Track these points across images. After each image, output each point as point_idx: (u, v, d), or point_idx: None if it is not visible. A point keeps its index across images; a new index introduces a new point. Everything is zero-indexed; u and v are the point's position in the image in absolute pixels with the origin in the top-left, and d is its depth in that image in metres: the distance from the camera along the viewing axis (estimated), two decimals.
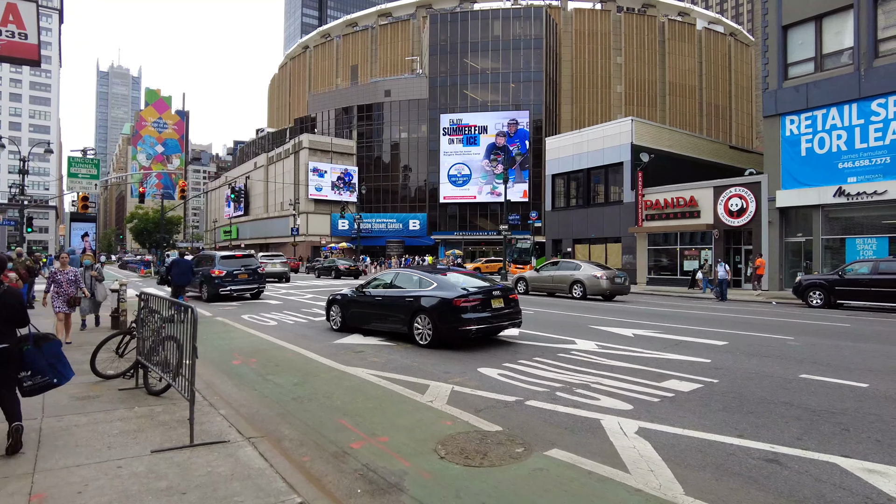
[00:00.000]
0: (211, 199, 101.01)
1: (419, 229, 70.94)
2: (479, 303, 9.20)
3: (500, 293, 9.60)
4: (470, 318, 8.99)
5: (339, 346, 9.65)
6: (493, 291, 9.53)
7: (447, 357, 8.48)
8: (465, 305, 9.03)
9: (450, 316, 9.02)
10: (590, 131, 34.27)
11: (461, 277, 10.19)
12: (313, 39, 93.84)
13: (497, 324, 9.42)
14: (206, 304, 17.23)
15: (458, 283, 9.69)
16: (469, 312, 9.04)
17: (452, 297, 9.09)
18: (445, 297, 9.16)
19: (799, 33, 24.84)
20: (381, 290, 10.68)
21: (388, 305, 10.22)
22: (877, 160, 22.22)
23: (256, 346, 9.77)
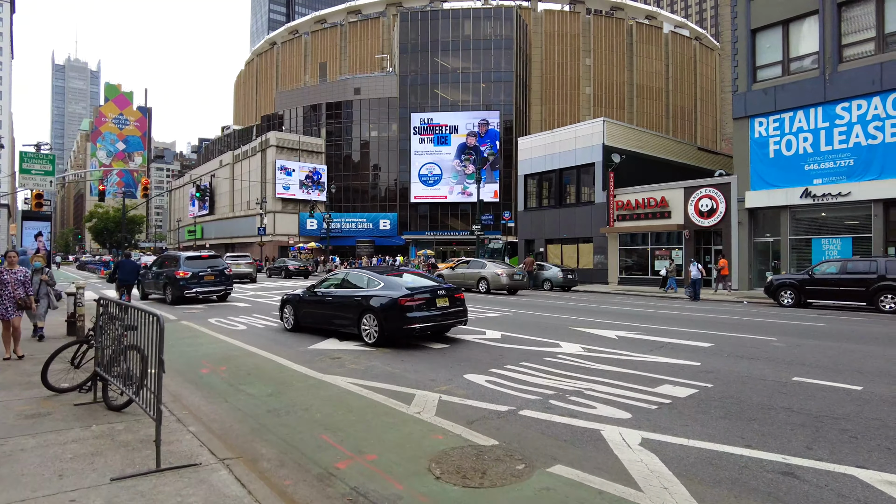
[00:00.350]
0: (174, 197, 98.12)
1: (390, 229, 70.28)
2: (424, 302, 9.50)
3: (445, 293, 9.92)
4: (414, 317, 9.29)
5: (313, 351, 9.18)
6: (439, 291, 9.86)
7: (431, 363, 8.10)
8: (409, 304, 9.32)
9: (395, 315, 9.30)
10: (562, 132, 34.34)
11: (410, 277, 10.51)
12: (281, 35, 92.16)
13: (442, 322, 9.81)
14: (170, 307, 16.44)
15: (404, 283, 10.00)
16: (414, 311, 9.33)
17: (398, 296, 9.38)
18: (391, 297, 9.46)
19: (767, 37, 25.29)
20: (332, 289, 10.93)
21: (338, 305, 10.47)
22: (841, 162, 22.75)
23: (226, 352, 9.22)
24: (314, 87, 78.28)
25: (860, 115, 22.32)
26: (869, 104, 22.11)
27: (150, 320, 4.63)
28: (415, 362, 8.13)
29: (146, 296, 19.21)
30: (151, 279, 18.53)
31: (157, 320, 4.30)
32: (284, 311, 11.83)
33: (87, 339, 6.52)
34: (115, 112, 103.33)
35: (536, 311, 15.68)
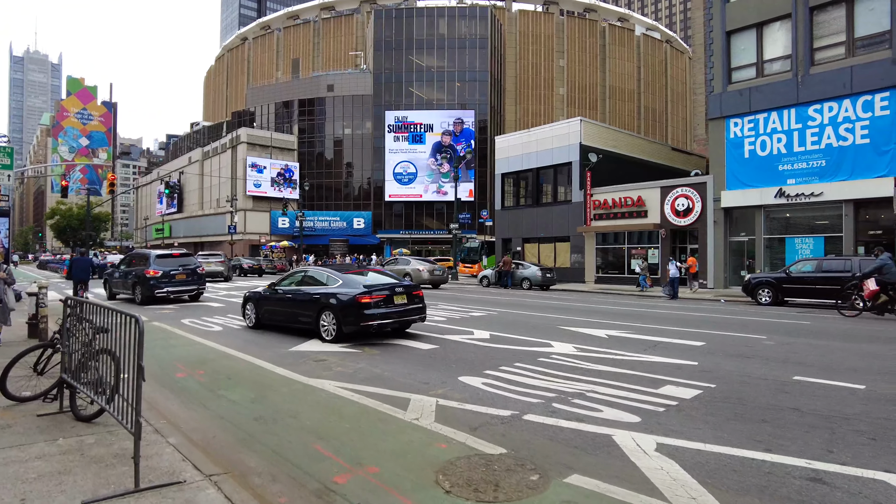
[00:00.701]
0: (141, 195, 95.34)
1: (364, 228, 69.54)
2: (381, 299, 9.67)
3: (403, 290, 10.08)
4: (372, 314, 9.42)
5: (295, 353, 8.74)
6: (397, 288, 10.00)
7: (422, 365, 7.76)
8: (367, 302, 9.44)
9: (353, 311, 9.44)
10: (538, 131, 34.31)
11: (372, 275, 10.70)
12: (252, 31, 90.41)
13: (400, 319, 10.02)
14: (140, 308, 15.70)
15: (363, 280, 10.11)
16: (371, 308, 9.46)
17: (355, 293, 9.52)
18: (349, 294, 9.60)
19: (741, 39, 25.62)
20: (292, 287, 11.01)
21: (298, 302, 10.57)
22: (814, 163, 23.17)
23: (202, 355, 8.71)
24: (286, 84, 76.98)
25: (832, 117, 22.76)
26: (840, 106, 22.55)
27: (125, 322, 4.19)
28: (404, 364, 7.78)
29: (113, 295, 18.37)
30: (119, 278, 17.73)
31: (136, 322, 3.88)
32: (246, 308, 11.91)
33: (53, 342, 6.00)
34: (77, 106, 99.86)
35: (521, 310, 15.46)
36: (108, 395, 4.51)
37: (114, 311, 4.50)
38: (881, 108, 21.67)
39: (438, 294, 22.05)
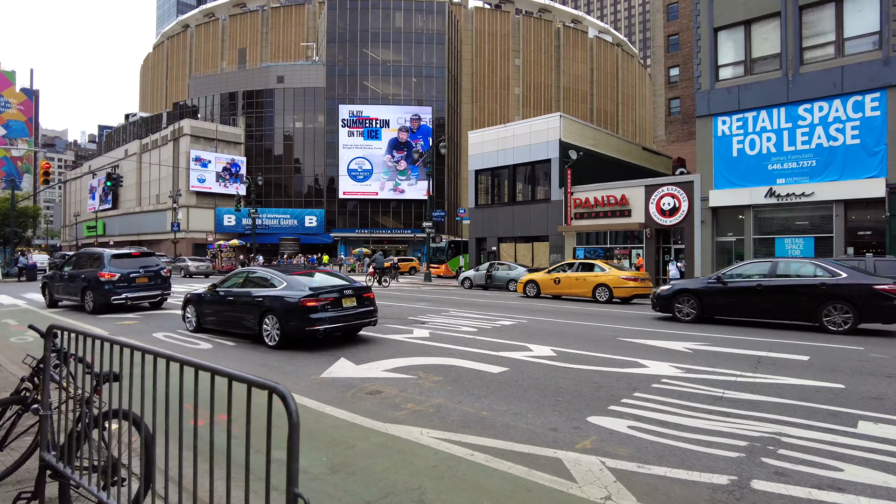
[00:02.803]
0: (70, 190, 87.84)
1: (316, 226, 66.58)
2: (328, 302, 9.08)
3: (352, 292, 9.51)
4: (318, 318, 8.85)
5: (334, 382, 6.78)
6: (345, 291, 9.41)
7: (517, 398, 6.01)
8: (313, 305, 8.85)
9: (296, 316, 8.83)
10: (516, 126, 33.03)
11: (319, 276, 10.06)
12: (195, 18, 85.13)
13: (349, 323, 9.35)
14: (93, 318, 13.11)
15: (309, 282, 9.47)
16: (318, 312, 8.89)
17: (299, 296, 8.91)
18: (292, 297, 8.96)
19: (729, 37, 25.15)
20: (234, 289, 10.29)
21: (240, 305, 9.90)
22: (804, 163, 22.90)
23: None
24: (233, 74, 72.81)
25: (822, 117, 22.54)
26: (830, 106, 22.35)
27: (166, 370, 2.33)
28: (494, 397, 6.00)
29: (55, 302, 15.50)
30: (63, 282, 14.92)
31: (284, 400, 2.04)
32: (186, 310, 11.22)
33: (22, 397, 3.90)
34: None
35: (548, 316, 13.87)
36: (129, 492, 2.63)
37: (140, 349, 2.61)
38: (872, 109, 21.57)
39: (437, 298, 20.21)
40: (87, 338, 3.21)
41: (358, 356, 8.28)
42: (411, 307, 15.85)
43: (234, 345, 9.52)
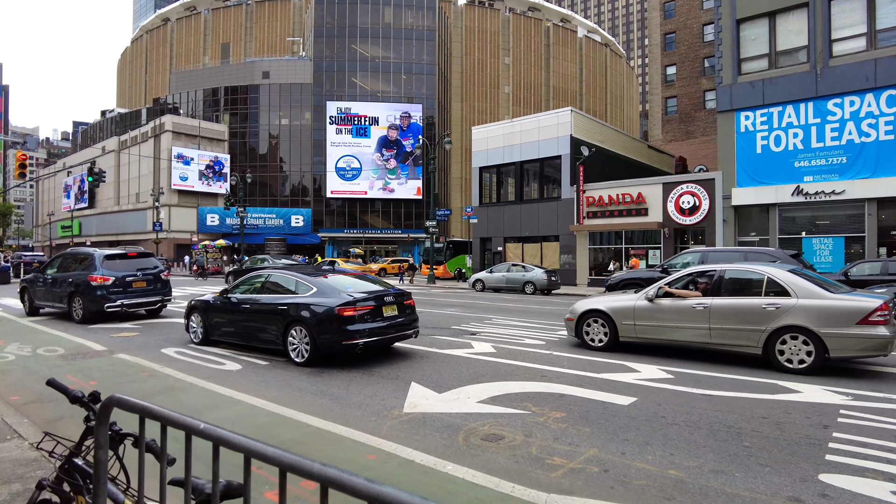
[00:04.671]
0: (43, 189, 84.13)
1: (303, 226, 64.51)
2: (368, 311, 7.75)
3: (393, 299, 8.18)
4: (357, 330, 7.52)
5: (425, 421, 5.25)
6: (386, 297, 8.11)
7: (696, 445, 4.57)
8: (351, 315, 7.54)
9: (332, 327, 7.51)
10: (523, 121, 31.71)
11: (346, 280, 8.70)
12: (176, 11, 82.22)
13: (390, 335, 8.01)
14: (83, 328, 11.34)
15: (342, 287, 8.16)
16: (356, 323, 7.57)
17: (336, 304, 7.58)
18: (327, 305, 7.64)
19: (752, 29, 24.17)
20: (250, 295, 8.89)
21: (259, 314, 8.50)
22: (833, 160, 21.98)
23: (269, 431, 5.05)
24: (216, 69, 70.31)
25: (853, 112, 21.64)
26: (862, 101, 21.46)
27: None
28: (662, 447, 4.54)
29: (36, 310, 13.62)
30: (45, 286, 13.07)
31: None
32: (191, 320, 9.70)
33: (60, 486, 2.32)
34: None
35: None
36: None
37: None
38: None
39: (460, 302, 18.68)
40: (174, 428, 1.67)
41: (429, 380, 6.77)
42: (443, 314, 14.34)
43: (268, 364, 7.90)
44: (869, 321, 6.80)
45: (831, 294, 7.26)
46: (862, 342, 6.82)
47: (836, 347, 6.96)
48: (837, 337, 6.92)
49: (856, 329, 6.84)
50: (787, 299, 7.34)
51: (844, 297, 7.19)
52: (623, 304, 8.82)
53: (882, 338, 6.74)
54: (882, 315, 6.80)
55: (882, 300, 6.97)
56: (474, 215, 29.75)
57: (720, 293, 7.96)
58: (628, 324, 8.65)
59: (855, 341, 6.85)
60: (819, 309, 7.09)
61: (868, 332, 6.77)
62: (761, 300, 7.54)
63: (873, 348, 6.81)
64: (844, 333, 6.89)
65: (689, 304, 8.07)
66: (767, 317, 7.38)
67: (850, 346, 6.89)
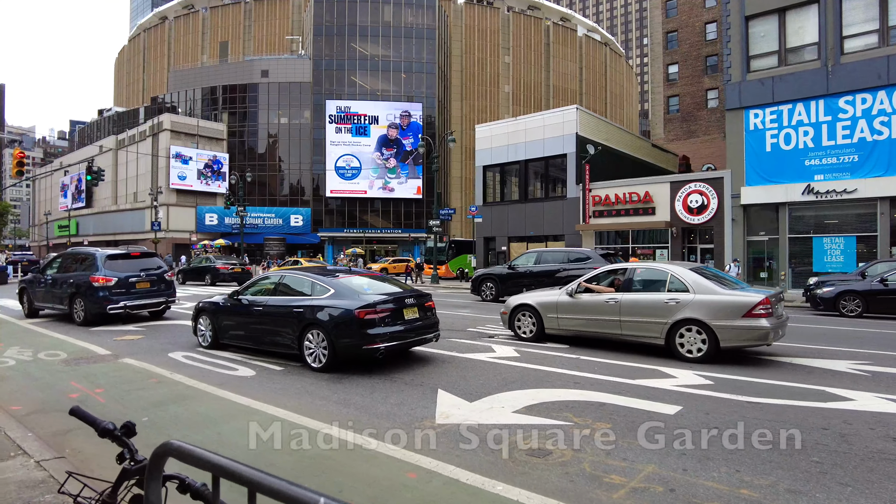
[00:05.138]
0: (39, 188, 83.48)
1: (302, 225, 64.07)
2: (388, 314, 7.38)
3: (414, 301, 7.82)
4: (377, 334, 7.16)
5: (460, 432, 4.87)
6: (407, 299, 7.75)
7: (762, 460, 4.23)
8: (371, 318, 7.17)
9: (351, 330, 7.17)
10: (528, 119, 31.37)
11: (363, 281, 8.28)
12: (173, 10, 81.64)
13: (411, 339, 7.66)
14: (85, 330, 10.95)
15: (361, 288, 7.82)
16: (377, 326, 7.21)
17: (355, 307, 7.20)
18: (346, 308, 7.26)
19: (761, 25, 23.86)
20: (262, 297, 8.52)
21: (272, 317, 8.15)
22: (844, 158, 21.69)
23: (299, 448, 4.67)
24: (214, 68, 69.79)
25: (865, 110, 21.35)
26: (874, 98, 21.17)
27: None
28: (726, 463, 4.17)
29: (35, 311, 13.21)
30: (45, 287, 12.66)
31: None
32: (200, 322, 9.30)
33: None
34: None
35: None
36: None
37: None
38: None
39: (470, 303, 18.30)
40: None
41: (456, 387, 6.41)
42: (457, 315, 13.98)
43: (283, 369, 7.53)
44: (752, 314, 7.50)
45: (723, 290, 7.98)
46: (747, 333, 7.53)
47: (725, 338, 7.66)
48: (726, 328, 7.61)
49: (741, 321, 7.54)
50: (686, 295, 8.00)
51: (733, 293, 7.93)
52: (548, 299, 9.64)
53: (763, 329, 7.43)
54: (764, 308, 7.49)
55: (764, 295, 7.71)
56: (479, 214, 29.34)
57: (630, 289, 8.74)
58: (552, 317, 9.44)
59: (741, 332, 7.56)
60: (711, 303, 7.78)
61: (752, 324, 7.47)
62: (664, 295, 8.22)
63: (756, 338, 7.53)
64: (732, 325, 7.58)
65: (602, 300, 8.82)
66: (669, 310, 8.05)
67: (737, 336, 7.61)
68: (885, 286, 14.86)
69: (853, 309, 15.05)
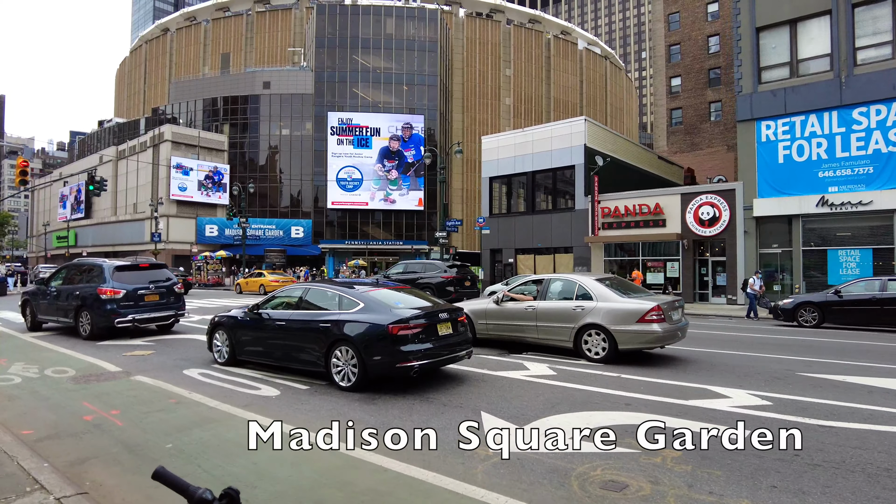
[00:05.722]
0: (38, 199, 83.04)
1: (303, 237, 63.68)
2: (422, 329, 6.92)
3: (447, 315, 7.39)
4: (411, 351, 6.72)
5: (522, 462, 4.48)
6: (440, 314, 7.30)
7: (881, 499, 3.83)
8: (405, 334, 6.73)
9: (383, 347, 6.73)
10: (535, 131, 31.17)
11: (394, 294, 7.86)
12: (175, 21, 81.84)
13: (444, 356, 7.18)
14: (91, 345, 10.49)
15: (392, 302, 7.39)
16: (410, 342, 6.76)
17: (388, 322, 6.80)
18: (377, 323, 6.86)
19: (772, 37, 23.73)
20: (285, 311, 8.11)
21: (296, 332, 7.68)
22: (859, 170, 21.44)
23: (346, 480, 4.24)
24: (216, 79, 69.75)
25: (880, 121, 21.14)
26: (889, 109, 20.97)
27: None
28: (819, 494, 3.75)
29: (38, 325, 12.74)
30: (49, 299, 12.21)
31: None
32: (215, 338, 8.86)
33: None
34: None
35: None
36: None
37: None
38: None
39: None
40: None
41: (499, 409, 6.00)
42: None
43: (308, 388, 7.09)
44: (645, 320, 8.32)
45: (621, 298, 8.83)
46: (640, 336, 8.36)
47: (622, 340, 8.52)
48: (623, 332, 8.47)
49: (636, 326, 8.38)
50: (590, 302, 8.91)
51: (629, 301, 8.75)
52: (479, 307, 10.55)
53: (655, 333, 8.27)
54: (656, 315, 8.30)
55: (656, 303, 8.51)
56: (486, 226, 28.99)
57: (546, 297, 9.61)
58: (482, 323, 10.30)
59: (635, 335, 8.38)
60: (610, 310, 8.64)
61: (645, 329, 8.31)
62: (572, 303, 9.12)
63: (650, 341, 8.42)
64: (628, 330, 8.43)
65: (522, 307, 9.70)
66: (576, 316, 8.97)
67: (632, 339, 8.44)
68: (839, 297, 15.51)
69: (809, 319, 15.65)
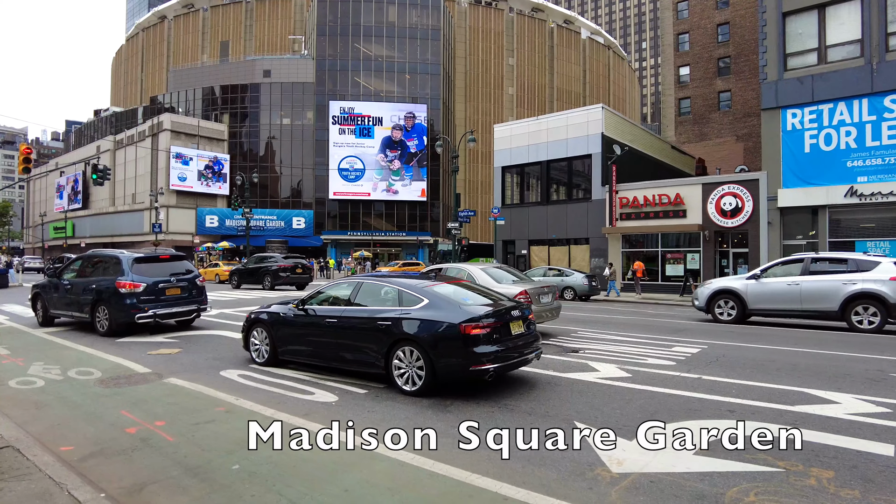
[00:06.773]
0: (33, 189, 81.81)
1: (304, 228, 62.91)
2: (495, 328, 6.23)
3: (519, 314, 6.69)
4: (484, 353, 6.03)
5: (651, 491, 3.86)
6: (513, 311, 6.60)
7: None
8: (478, 334, 6.03)
9: (455, 348, 6.08)
10: (550, 119, 30.43)
11: (460, 290, 7.14)
12: (173, 9, 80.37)
13: (519, 358, 6.49)
14: (111, 342, 9.81)
15: (460, 299, 6.73)
16: (483, 343, 6.07)
17: (459, 320, 6.10)
18: (448, 322, 6.16)
19: (799, 22, 23.00)
20: (337, 307, 7.43)
21: (350, 330, 7.02)
22: (890, 159, 20.84)
23: None
24: (215, 67, 68.56)
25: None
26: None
27: None
28: None
29: (50, 319, 12.02)
30: (62, 292, 11.50)
31: None
32: (253, 335, 8.18)
33: None
34: None
35: (730, 340, 11.11)
36: None
37: None
38: None
39: None
40: None
41: (591, 418, 5.38)
42: None
43: (366, 392, 6.45)
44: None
45: (497, 283, 10.18)
46: None
47: None
48: None
49: None
50: None
51: (499, 286, 9.95)
52: None
53: None
54: (523, 298, 9.47)
55: (523, 287, 10.04)
56: (501, 217, 28.31)
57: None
58: None
59: None
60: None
61: None
62: None
63: None
64: None
65: None
66: None
67: None
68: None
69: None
